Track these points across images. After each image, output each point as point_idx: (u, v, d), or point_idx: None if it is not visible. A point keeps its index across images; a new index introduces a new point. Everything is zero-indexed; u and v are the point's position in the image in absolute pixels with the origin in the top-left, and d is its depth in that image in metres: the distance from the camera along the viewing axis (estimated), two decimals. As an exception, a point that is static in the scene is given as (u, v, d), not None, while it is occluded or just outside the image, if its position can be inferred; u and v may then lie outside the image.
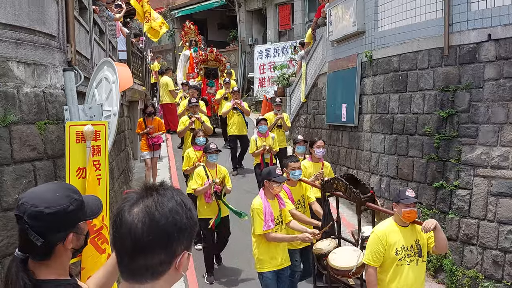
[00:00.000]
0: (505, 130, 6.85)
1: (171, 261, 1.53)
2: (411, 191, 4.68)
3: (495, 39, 7.02)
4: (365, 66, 10.31)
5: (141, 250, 1.48)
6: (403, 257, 4.63)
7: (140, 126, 10.88)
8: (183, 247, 1.55)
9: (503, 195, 6.77)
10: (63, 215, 1.98)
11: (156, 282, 1.53)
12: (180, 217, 1.52)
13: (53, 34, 5.29)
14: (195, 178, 7.12)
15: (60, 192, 2.04)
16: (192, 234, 1.59)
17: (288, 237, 5.62)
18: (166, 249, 1.51)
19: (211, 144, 7.32)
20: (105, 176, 4.39)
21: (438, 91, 7.94)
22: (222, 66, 16.93)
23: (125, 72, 5.63)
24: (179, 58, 27.93)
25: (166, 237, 1.49)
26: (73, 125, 4.23)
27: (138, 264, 1.50)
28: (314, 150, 7.63)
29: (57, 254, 2.02)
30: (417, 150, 8.33)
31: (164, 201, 1.53)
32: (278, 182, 5.45)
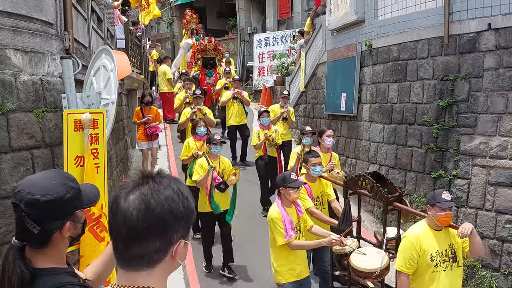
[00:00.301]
0: (504, 120, 6.84)
1: (167, 249, 1.52)
2: (447, 193, 4.44)
3: (495, 28, 6.99)
4: (365, 55, 10.27)
5: (136, 238, 1.48)
6: (438, 263, 4.38)
7: (137, 115, 10.67)
8: (179, 236, 1.54)
9: (501, 185, 6.78)
10: (60, 203, 1.98)
11: (152, 270, 1.53)
12: (176, 205, 1.52)
13: (50, 21, 5.25)
14: (197, 169, 6.92)
15: (57, 180, 2.03)
16: (189, 223, 1.58)
17: (313, 243, 5.30)
18: (162, 237, 1.50)
19: (216, 135, 7.10)
20: (104, 165, 4.39)
21: (437, 80, 7.92)
22: (220, 56, 16.68)
23: (123, 60, 5.61)
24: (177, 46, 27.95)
25: (162, 224, 1.49)
26: (71, 113, 4.22)
27: (133, 251, 1.49)
28: (323, 140, 7.43)
29: (54, 242, 2.01)
30: (416, 140, 8.32)
31: (160, 189, 1.52)
32: (294, 188, 5.12)
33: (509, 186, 6.68)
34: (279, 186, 5.22)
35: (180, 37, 28.68)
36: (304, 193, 5.82)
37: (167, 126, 16.00)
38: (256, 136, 9.42)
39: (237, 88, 11.85)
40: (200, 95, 10.10)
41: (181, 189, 1.58)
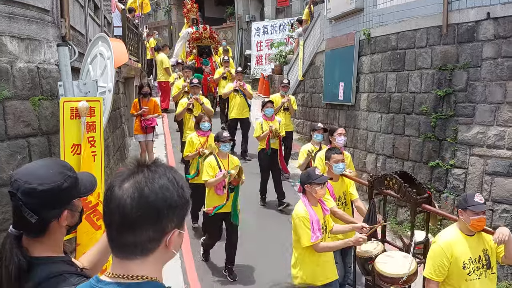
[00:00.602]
0: (502, 109, 6.83)
1: (160, 238, 1.51)
2: (480, 196, 4.12)
3: (494, 17, 6.96)
4: (363, 44, 10.23)
5: (129, 226, 1.47)
6: (471, 271, 4.07)
7: (134, 107, 10.30)
8: (173, 225, 1.53)
9: (498, 175, 6.79)
10: (57, 192, 1.97)
11: (146, 259, 1.52)
12: (170, 194, 1.51)
13: (46, 8, 5.21)
14: (206, 169, 6.50)
15: (54, 169, 2.02)
16: (184, 212, 1.57)
17: (340, 243, 5.00)
18: (155, 226, 1.49)
19: (224, 132, 6.74)
20: (101, 153, 4.38)
21: (435, 70, 7.89)
22: (215, 44, 16.38)
23: (120, 48, 5.57)
24: (175, 34, 27.82)
25: (155, 213, 1.48)
26: (67, 101, 4.20)
27: (127, 239, 1.49)
28: (334, 138, 6.84)
29: (52, 231, 2.01)
30: (413, 129, 8.32)
31: (155, 177, 1.51)
32: (320, 184, 4.79)
33: (506, 175, 6.69)
34: (304, 183, 4.88)
35: (178, 25, 28.56)
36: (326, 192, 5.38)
37: (164, 115, 15.94)
38: (259, 128, 9.07)
39: (239, 80, 11.53)
40: (197, 84, 9.82)
41: (177, 178, 1.56)
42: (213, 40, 16.24)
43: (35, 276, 1.94)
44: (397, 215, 8.53)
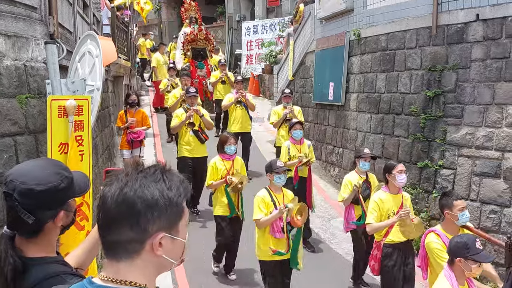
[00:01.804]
0: (490, 110, 6.87)
1: (142, 240, 1.47)
2: None
3: (483, 19, 7.00)
4: (353, 44, 10.25)
5: (109, 224, 1.48)
6: None
7: (120, 119, 9.32)
8: (155, 227, 1.47)
9: (486, 175, 6.83)
10: (54, 192, 1.96)
11: (133, 262, 1.49)
12: (150, 193, 1.46)
13: (34, 5, 5.14)
14: (259, 205, 5.48)
15: (50, 169, 2.01)
16: (170, 215, 1.50)
17: None
18: (134, 226, 1.45)
19: (278, 161, 5.76)
20: (88, 152, 4.32)
21: (425, 71, 7.93)
22: (211, 46, 15.62)
23: (109, 46, 5.51)
24: (165, 32, 27.73)
25: (132, 211, 1.45)
26: (55, 99, 4.14)
27: (109, 238, 1.49)
28: (394, 177, 5.55)
29: (47, 232, 2.00)
30: (403, 130, 8.35)
31: (138, 177, 1.49)
32: (479, 262, 3.79)
33: (494, 176, 6.73)
34: (457, 256, 3.82)
35: (168, 23, 28.49)
36: (443, 248, 4.44)
37: (154, 114, 15.85)
38: (286, 153, 7.82)
39: (240, 90, 10.56)
40: (195, 93, 8.71)
41: (167, 179, 1.52)
42: (209, 42, 15.51)
43: (30, 277, 1.92)
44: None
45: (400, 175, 5.53)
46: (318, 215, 8.71)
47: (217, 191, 6.68)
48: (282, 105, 9.80)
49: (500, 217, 6.62)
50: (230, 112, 10.60)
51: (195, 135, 8.45)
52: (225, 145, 6.72)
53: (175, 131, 8.84)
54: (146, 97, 18.17)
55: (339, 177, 10.13)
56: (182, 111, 8.57)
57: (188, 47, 15.07)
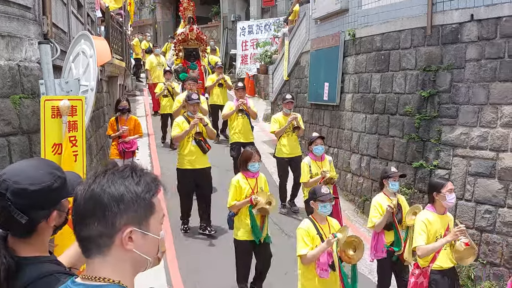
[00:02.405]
0: (485, 110, 6.88)
1: (111, 234, 1.50)
2: None
3: (478, 19, 7.01)
4: (348, 44, 10.25)
5: (79, 219, 1.51)
6: None
7: (111, 127, 8.65)
8: (123, 222, 1.50)
9: (481, 175, 6.84)
10: (47, 192, 1.96)
11: (105, 258, 1.52)
12: (116, 188, 1.50)
13: (28, 5, 5.12)
14: (303, 238, 4.80)
15: (43, 169, 2.01)
16: (138, 210, 1.52)
17: None
18: (102, 220, 1.49)
19: (323, 188, 5.03)
20: (82, 153, 4.31)
21: (420, 71, 7.93)
22: (203, 46, 15.04)
23: (103, 46, 5.50)
24: (160, 32, 27.69)
25: (99, 205, 1.49)
26: (48, 99, 4.12)
27: (81, 234, 1.53)
28: (444, 197, 5.02)
29: (39, 232, 1.99)
30: (397, 130, 8.35)
31: (106, 174, 1.54)
32: None
33: (489, 176, 6.75)
34: None
35: (163, 23, 28.45)
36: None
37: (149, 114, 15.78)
38: (307, 171, 7.25)
39: (241, 97, 9.72)
40: (197, 100, 7.96)
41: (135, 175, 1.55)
42: (201, 42, 14.91)
43: (24, 276, 1.91)
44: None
45: (450, 195, 5.03)
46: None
47: (240, 213, 6.02)
48: (282, 112, 9.06)
49: (495, 217, 6.64)
50: (231, 121, 9.76)
51: (197, 145, 7.73)
52: (248, 162, 6.04)
53: (177, 141, 7.96)
54: (141, 97, 18.12)
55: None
56: (183, 119, 7.83)
57: (180, 47, 14.62)
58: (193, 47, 14.61)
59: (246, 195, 5.97)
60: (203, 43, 15.00)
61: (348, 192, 9.78)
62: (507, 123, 6.60)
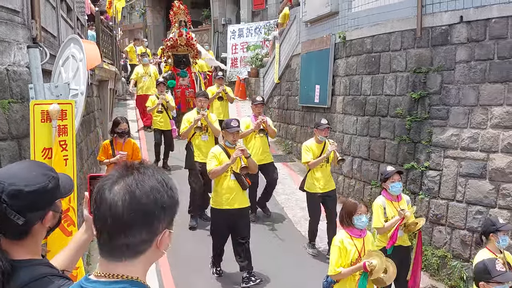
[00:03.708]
0: (475, 112, 6.92)
1: (152, 239, 1.53)
2: None
3: (467, 21, 7.05)
4: (339, 47, 10.28)
5: (122, 229, 1.48)
6: None
7: (105, 151, 7.44)
8: (164, 226, 1.54)
9: (472, 176, 6.87)
10: (43, 193, 1.96)
11: (135, 260, 1.53)
12: (161, 196, 1.52)
13: (16, 9, 5.07)
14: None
15: (36, 170, 2.01)
16: (174, 213, 1.59)
17: None
18: (147, 228, 1.51)
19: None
20: (72, 157, 4.27)
21: (410, 72, 7.97)
22: (194, 52, 14.18)
23: (92, 49, 5.46)
24: (150, 36, 27.61)
25: (147, 215, 1.49)
26: (38, 104, 4.08)
27: (119, 242, 1.50)
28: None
29: (34, 233, 1.99)
30: (389, 132, 8.38)
31: (145, 179, 1.52)
32: None
33: (480, 177, 6.78)
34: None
35: (153, 27, 28.38)
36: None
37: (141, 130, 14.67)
38: (381, 214, 5.79)
39: (259, 114, 8.47)
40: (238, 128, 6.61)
41: (165, 179, 1.58)
42: (191, 48, 14.06)
43: (18, 279, 1.90)
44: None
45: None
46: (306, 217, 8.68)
47: (345, 283, 4.82)
48: (313, 139, 7.53)
49: (486, 218, 6.65)
50: (246, 141, 8.50)
51: (237, 180, 6.41)
52: (353, 215, 4.87)
53: (214, 177, 6.43)
54: (132, 101, 17.97)
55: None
56: (220, 150, 6.48)
57: (169, 54, 13.89)
58: (183, 53, 13.90)
59: (352, 260, 4.73)
60: (194, 49, 14.21)
61: (340, 194, 9.77)
62: (497, 124, 6.64)
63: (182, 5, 14.89)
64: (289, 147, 12.93)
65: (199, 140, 8.18)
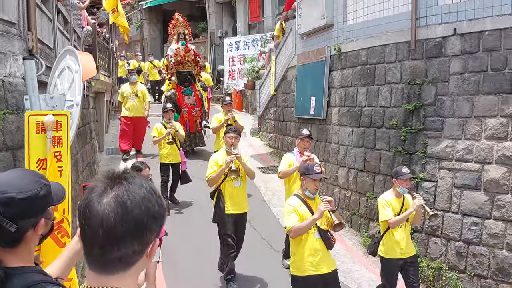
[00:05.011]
0: (470, 123, 6.95)
1: (144, 250, 1.50)
2: None
3: (461, 33, 7.12)
4: (334, 59, 10.34)
5: (114, 242, 1.43)
6: None
7: None
8: (155, 235, 1.52)
9: (467, 188, 6.88)
10: (35, 200, 1.95)
11: (128, 272, 1.50)
12: (152, 205, 1.49)
13: (12, 21, 5.10)
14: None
15: (28, 178, 2.01)
16: (163, 221, 1.56)
17: None
18: (140, 239, 1.47)
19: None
20: (67, 168, 4.27)
21: (405, 84, 8.01)
22: (198, 69, 13.30)
23: (88, 61, 5.49)
24: (147, 49, 27.72)
25: (140, 226, 1.46)
26: (33, 115, 4.09)
27: (111, 255, 1.45)
28: None
29: (27, 240, 1.98)
30: (384, 143, 8.40)
31: (135, 190, 1.48)
32: None
33: (475, 188, 6.79)
34: None
35: (150, 40, 28.50)
36: None
37: None
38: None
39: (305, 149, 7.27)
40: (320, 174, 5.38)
41: (153, 188, 1.55)
42: (196, 65, 13.16)
43: (12, 286, 1.88)
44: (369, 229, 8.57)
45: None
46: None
47: None
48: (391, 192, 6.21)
49: (481, 229, 6.67)
50: (289, 182, 7.24)
51: (322, 237, 5.24)
52: None
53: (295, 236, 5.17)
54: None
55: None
56: (299, 202, 5.32)
57: (173, 71, 12.81)
58: (188, 70, 13.01)
59: None
60: (198, 65, 13.36)
61: (335, 206, 9.77)
62: (492, 135, 6.67)
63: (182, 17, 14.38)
64: (285, 159, 12.92)
65: (231, 187, 6.75)
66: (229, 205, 6.72)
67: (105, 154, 12.78)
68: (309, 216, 5.12)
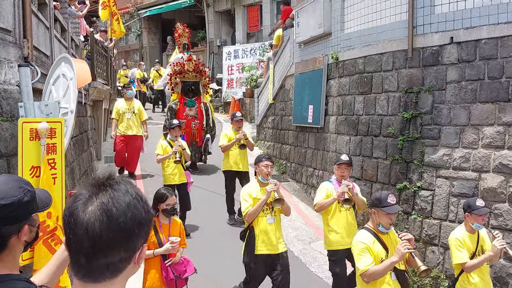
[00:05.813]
0: (467, 131, 6.95)
1: (131, 256, 1.48)
2: None
3: (457, 42, 7.13)
4: (331, 67, 10.35)
5: (100, 250, 1.41)
6: None
7: None
8: (142, 241, 1.50)
9: (464, 196, 6.86)
10: (18, 206, 1.95)
11: (115, 280, 1.48)
12: (138, 212, 1.47)
13: (8, 28, 5.10)
14: None
15: (12, 184, 2.01)
16: (150, 227, 1.54)
17: None
18: (127, 246, 1.45)
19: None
20: (61, 176, 4.25)
21: (402, 93, 8.01)
22: (205, 80, 12.67)
23: (83, 68, 5.48)
24: (146, 57, 27.79)
25: (127, 234, 1.44)
26: (26, 122, 4.07)
27: (97, 263, 1.43)
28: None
29: (11, 247, 1.97)
30: (381, 151, 8.39)
31: (120, 196, 1.46)
32: None
33: (472, 197, 6.76)
34: None
35: (149, 48, 28.57)
36: None
37: None
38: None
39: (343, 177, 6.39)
40: None
41: (139, 194, 1.53)
42: (201, 75, 12.48)
43: None
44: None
45: None
46: (299, 238, 8.65)
47: None
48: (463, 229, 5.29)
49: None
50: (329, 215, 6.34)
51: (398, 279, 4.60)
52: None
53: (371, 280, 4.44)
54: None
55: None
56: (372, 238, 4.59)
57: (176, 81, 12.36)
58: (191, 80, 12.43)
59: None
60: (205, 76, 12.66)
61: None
62: (489, 144, 6.66)
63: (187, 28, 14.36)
64: (283, 167, 12.92)
65: (264, 224, 5.83)
66: (261, 243, 5.77)
67: (102, 162, 12.75)
68: (384, 254, 4.46)
